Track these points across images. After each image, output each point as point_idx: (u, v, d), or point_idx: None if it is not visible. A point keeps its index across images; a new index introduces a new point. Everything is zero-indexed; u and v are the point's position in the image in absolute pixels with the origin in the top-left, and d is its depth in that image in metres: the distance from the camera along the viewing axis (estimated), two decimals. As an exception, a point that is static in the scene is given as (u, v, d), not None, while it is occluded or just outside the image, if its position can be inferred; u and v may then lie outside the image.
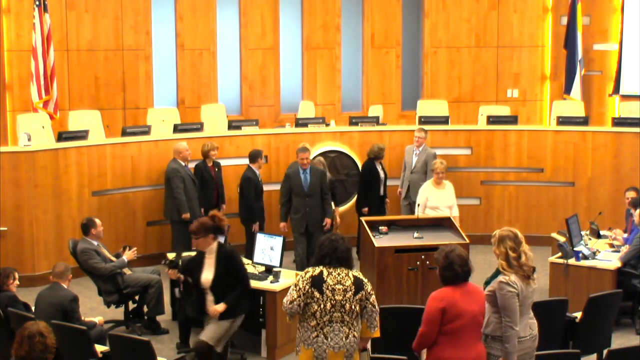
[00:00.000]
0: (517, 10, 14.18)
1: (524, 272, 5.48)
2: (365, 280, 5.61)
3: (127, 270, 8.41)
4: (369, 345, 5.82)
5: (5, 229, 9.67)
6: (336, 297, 5.46)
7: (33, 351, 4.66)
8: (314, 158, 10.28)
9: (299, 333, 5.63)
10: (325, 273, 5.50)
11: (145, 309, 8.44)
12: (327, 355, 5.47)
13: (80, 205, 10.07)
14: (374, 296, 5.61)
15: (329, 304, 5.45)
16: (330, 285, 5.46)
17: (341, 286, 5.48)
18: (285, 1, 13.72)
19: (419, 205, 9.85)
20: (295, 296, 5.52)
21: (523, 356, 5.55)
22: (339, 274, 5.51)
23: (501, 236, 5.56)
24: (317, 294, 5.46)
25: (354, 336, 5.53)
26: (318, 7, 13.78)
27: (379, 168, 10.69)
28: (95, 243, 8.32)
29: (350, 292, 5.48)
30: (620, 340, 7.86)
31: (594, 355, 6.97)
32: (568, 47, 13.71)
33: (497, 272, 5.66)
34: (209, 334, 6.71)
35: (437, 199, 9.77)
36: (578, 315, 6.93)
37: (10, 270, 7.23)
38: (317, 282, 5.48)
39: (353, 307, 5.49)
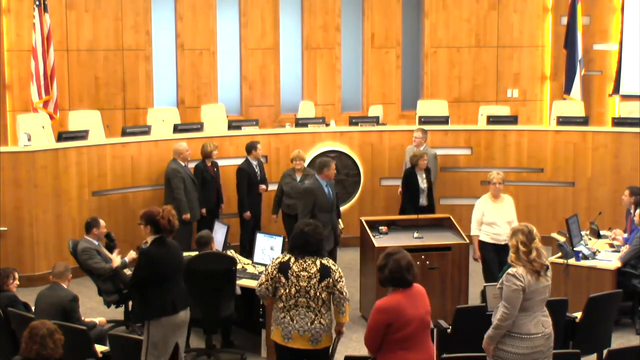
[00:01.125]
0: (517, 10, 14.18)
1: (532, 267, 5.52)
2: (334, 267, 5.80)
3: (127, 271, 8.41)
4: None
5: (5, 229, 9.67)
6: (300, 283, 5.71)
7: (45, 349, 4.70)
8: (308, 166, 10.29)
9: (272, 313, 5.92)
10: (292, 260, 5.77)
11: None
12: (292, 336, 5.75)
13: (80, 205, 10.07)
14: (342, 283, 5.78)
15: (293, 289, 5.72)
16: (295, 272, 5.72)
17: (306, 273, 5.72)
18: (285, 1, 13.72)
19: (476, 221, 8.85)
20: (264, 280, 5.85)
21: (536, 354, 5.55)
22: (305, 261, 5.76)
23: (515, 229, 5.70)
24: (283, 279, 5.74)
25: (320, 323, 5.74)
26: (318, 7, 13.78)
27: (420, 177, 10.13)
28: (96, 243, 8.33)
29: (315, 279, 5.70)
30: (620, 340, 7.86)
31: (594, 355, 6.97)
32: (568, 47, 13.71)
33: (508, 266, 5.72)
34: None
35: (494, 214, 8.67)
36: (578, 315, 6.93)
37: (10, 270, 7.23)
38: (283, 268, 5.76)
39: (318, 293, 5.71)
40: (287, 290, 5.72)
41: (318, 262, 5.75)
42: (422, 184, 10.12)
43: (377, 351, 5.26)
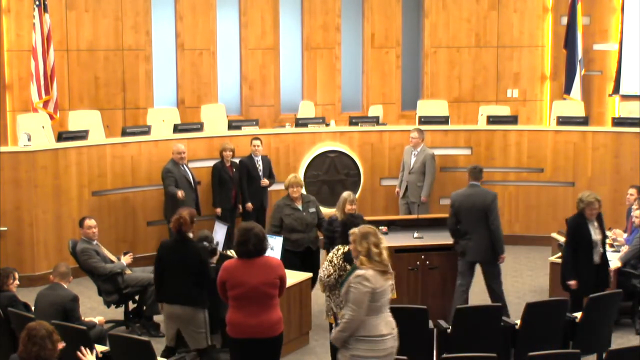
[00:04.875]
0: (517, 10, 14.18)
1: (383, 267, 5.57)
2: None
3: (127, 271, 8.42)
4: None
5: (5, 229, 9.67)
6: None
7: (44, 350, 4.79)
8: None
9: (329, 301, 6.65)
10: None
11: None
12: None
13: (80, 205, 10.07)
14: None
15: None
16: None
17: None
18: (285, 1, 13.72)
19: None
20: (332, 271, 6.60)
21: (387, 357, 5.58)
22: None
23: (364, 233, 5.66)
24: (348, 267, 6.36)
25: None
26: (318, 7, 13.78)
27: (592, 226, 7.73)
28: (95, 242, 8.33)
29: None
30: (620, 340, 7.86)
31: (594, 355, 6.97)
32: (568, 47, 13.71)
33: (353, 269, 5.72)
34: None
35: None
36: (578, 315, 6.93)
37: (10, 270, 7.23)
38: (348, 257, 6.42)
39: None
40: None
41: None
42: (595, 235, 7.75)
43: (227, 301, 6.00)
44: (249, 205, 10.46)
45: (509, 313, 8.47)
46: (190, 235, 6.99)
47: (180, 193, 9.87)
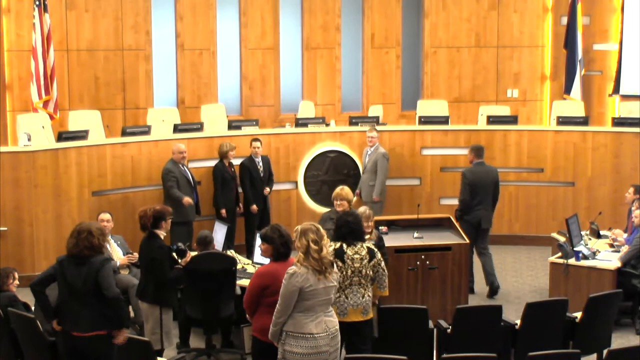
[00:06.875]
0: (517, 10, 14.18)
1: (320, 265, 5.60)
2: (376, 250, 6.60)
3: (124, 271, 8.40)
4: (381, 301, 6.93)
5: (5, 229, 9.67)
6: (355, 265, 6.39)
7: (77, 246, 5.78)
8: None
9: None
10: (345, 246, 6.43)
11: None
12: (348, 311, 6.36)
13: (80, 205, 10.06)
14: (383, 262, 6.60)
15: (349, 271, 6.38)
16: (350, 256, 6.40)
17: (358, 256, 6.42)
18: (285, 1, 13.72)
19: None
20: None
21: (321, 355, 5.60)
22: (355, 246, 6.45)
23: (304, 229, 5.71)
24: (340, 263, 6.32)
25: (368, 295, 6.47)
26: (318, 7, 13.79)
27: None
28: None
29: (365, 260, 6.43)
30: (620, 340, 7.86)
31: (594, 355, 6.97)
32: (568, 47, 13.71)
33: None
34: None
35: None
36: (578, 315, 6.93)
37: (10, 270, 7.22)
38: (339, 254, 6.37)
39: (367, 272, 6.44)
40: (344, 272, 6.35)
41: (365, 246, 6.49)
42: None
43: (254, 313, 5.88)
44: (254, 207, 10.44)
45: (498, 283, 9.32)
46: (160, 232, 7.06)
47: (186, 200, 9.85)
